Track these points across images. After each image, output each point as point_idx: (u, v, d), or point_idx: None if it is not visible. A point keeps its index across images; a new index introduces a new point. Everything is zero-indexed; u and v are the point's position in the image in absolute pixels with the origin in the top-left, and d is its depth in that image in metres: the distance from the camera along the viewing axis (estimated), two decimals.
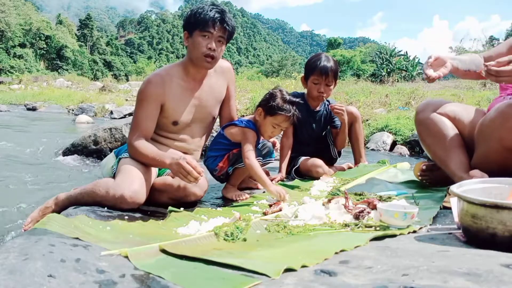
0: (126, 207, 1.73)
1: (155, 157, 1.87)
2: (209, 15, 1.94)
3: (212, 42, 1.96)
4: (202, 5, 1.99)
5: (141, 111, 1.98)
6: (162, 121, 2.04)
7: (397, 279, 0.88)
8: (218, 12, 1.96)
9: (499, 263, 0.94)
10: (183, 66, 2.08)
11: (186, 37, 2.02)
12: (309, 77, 2.62)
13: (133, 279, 0.96)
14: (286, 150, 2.66)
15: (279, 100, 2.14)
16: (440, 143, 1.90)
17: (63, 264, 0.99)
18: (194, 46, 1.98)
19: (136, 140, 1.93)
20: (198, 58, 1.99)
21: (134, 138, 1.94)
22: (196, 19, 1.96)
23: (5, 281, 0.86)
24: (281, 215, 1.64)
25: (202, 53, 1.97)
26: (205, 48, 1.96)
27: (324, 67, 2.55)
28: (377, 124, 7.04)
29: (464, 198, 1.21)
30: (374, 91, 12.51)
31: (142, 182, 1.81)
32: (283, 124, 2.19)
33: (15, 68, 44.97)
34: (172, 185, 1.92)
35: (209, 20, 1.94)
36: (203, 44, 1.96)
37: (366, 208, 1.57)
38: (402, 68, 22.91)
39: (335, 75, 2.61)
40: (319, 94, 2.61)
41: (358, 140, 2.95)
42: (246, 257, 1.14)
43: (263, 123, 2.18)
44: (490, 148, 1.53)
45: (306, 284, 0.91)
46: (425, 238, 1.32)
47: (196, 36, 1.97)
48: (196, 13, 1.97)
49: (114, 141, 4.78)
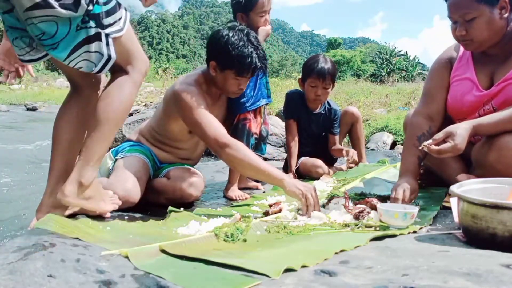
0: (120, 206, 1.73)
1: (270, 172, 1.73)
2: (249, 62, 1.85)
3: (245, 83, 1.95)
4: (237, 41, 1.84)
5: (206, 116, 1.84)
6: (178, 128, 2.00)
7: (397, 279, 0.88)
8: (258, 57, 1.87)
9: (499, 263, 0.94)
10: (207, 81, 2.00)
11: (214, 67, 1.92)
12: (306, 80, 2.62)
13: (133, 279, 0.96)
14: (294, 147, 2.66)
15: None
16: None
17: (63, 264, 0.99)
18: (225, 83, 1.93)
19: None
20: (226, 91, 1.99)
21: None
22: (232, 61, 1.85)
23: (5, 281, 0.86)
24: (281, 217, 1.64)
25: (232, 91, 1.97)
26: (236, 88, 1.95)
27: (321, 70, 2.54)
28: (377, 124, 7.04)
29: (464, 198, 1.21)
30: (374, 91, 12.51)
31: (135, 181, 1.80)
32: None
33: None
34: (168, 187, 1.92)
35: (249, 68, 1.87)
36: (235, 85, 1.93)
37: (366, 208, 1.57)
38: (402, 68, 22.90)
39: (333, 78, 2.59)
40: (316, 97, 2.61)
41: (359, 141, 2.96)
42: (246, 257, 1.14)
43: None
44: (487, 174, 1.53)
45: (306, 284, 0.91)
46: (425, 238, 1.32)
47: (229, 76, 1.90)
48: (233, 54, 1.83)
49: (114, 141, 4.78)
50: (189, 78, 1.99)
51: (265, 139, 2.46)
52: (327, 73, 2.54)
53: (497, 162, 1.54)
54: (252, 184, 2.41)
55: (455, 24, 1.67)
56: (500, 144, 1.52)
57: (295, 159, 2.67)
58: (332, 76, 2.57)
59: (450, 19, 1.70)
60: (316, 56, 2.70)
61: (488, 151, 1.57)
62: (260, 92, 2.27)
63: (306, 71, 2.63)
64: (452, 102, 1.83)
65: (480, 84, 1.74)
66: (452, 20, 1.69)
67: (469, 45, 1.70)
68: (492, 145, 1.56)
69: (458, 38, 1.69)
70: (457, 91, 1.81)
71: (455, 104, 1.82)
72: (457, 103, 1.81)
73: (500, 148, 1.52)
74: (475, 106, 1.75)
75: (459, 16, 1.63)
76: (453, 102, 1.83)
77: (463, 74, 1.81)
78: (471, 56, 1.81)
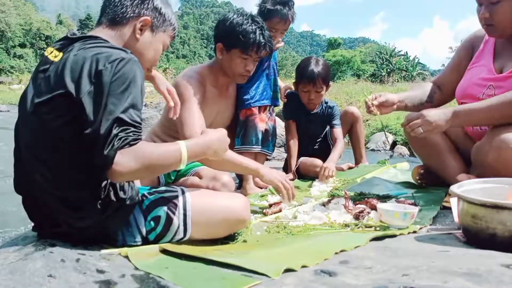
0: None
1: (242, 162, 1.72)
2: (253, 38, 1.87)
3: (251, 64, 1.95)
4: (242, 20, 1.89)
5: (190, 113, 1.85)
6: None
7: (397, 279, 0.88)
8: (263, 35, 1.89)
9: (499, 263, 0.94)
10: (213, 73, 2.02)
11: (221, 49, 1.94)
12: (299, 85, 2.62)
13: (133, 279, 0.96)
14: (294, 147, 2.67)
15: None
16: (431, 152, 1.95)
17: (63, 264, 0.99)
18: (231, 64, 1.94)
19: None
20: (233, 74, 1.98)
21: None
22: (237, 38, 1.87)
23: (5, 281, 0.86)
24: (281, 217, 1.64)
25: (239, 73, 1.96)
26: (243, 69, 1.94)
27: (311, 74, 2.51)
28: (377, 124, 7.05)
29: (464, 198, 1.21)
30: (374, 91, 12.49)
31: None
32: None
33: (15, 68, 44.97)
34: (202, 186, 1.88)
35: (253, 44, 1.88)
36: (242, 65, 1.93)
37: (366, 208, 1.57)
38: (402, 68, 22.92)
39: (325, 80, 2.56)
40: (310, 101, 2.61)
41: (359, 141, 2.95)
42: (246, 257, 1.14)
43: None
44: (487, 173, 1.54)
45: (306, 284, 0.91)
46: (425, 238, 1.32)
47: (235, 56, 1.91)
48: (238, 31, 1.87)
49: None
50: (192, 70, 2.01)
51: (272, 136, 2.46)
52: (317, 76, 2.51)
53: (496, 162, 1.54)
54: (261, 184, 2.40)
55: (481, 7, 1.69)
56: (500, 144, 1.52)
57: (295, 159, 2.67)
58: (323, 78, 2.54)
59: (476, 1, 1.71)
60: (308, 59, 2.67)
61: (487, 150, 1.57)
62: (265, 92, 2.30)
63: (298, 75, 2.62)
64: (461, 83, 1.87)
65: (494, 70, 1.76)
66: (478, 2, 1.71)
67: (491, 30, 1.72)
68: (491, 145, 1.56)
69: (482, 21, 1.71)
70: (471, 74, 1.85)
71: (464, 82, 1.86)
72: (465, 82, 1.85)
73: (499, 147, 1.52)
74: (477, 90, 1.76)
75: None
76: (462, 82, 1.87)
77: (481, 61, 1.83)
78: (494, 44, 1.83)
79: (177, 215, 1.23)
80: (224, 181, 1.86)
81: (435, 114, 1.63)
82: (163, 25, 1.31)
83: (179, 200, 1.25)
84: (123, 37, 1.24)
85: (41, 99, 1.10)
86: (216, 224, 1.28)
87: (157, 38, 1.31)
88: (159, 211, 1.22)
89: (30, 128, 1.15)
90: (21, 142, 1.18)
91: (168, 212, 1.22)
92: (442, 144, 1.92)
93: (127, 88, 1.06)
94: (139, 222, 1.21)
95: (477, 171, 1.68)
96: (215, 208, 1.28)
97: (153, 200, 1.24)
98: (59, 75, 1.09)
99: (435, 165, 1.98)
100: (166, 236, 1.22)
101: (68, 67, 1.08)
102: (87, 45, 1.13)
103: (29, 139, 1.15)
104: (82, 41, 1.15)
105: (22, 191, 1.22)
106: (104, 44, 1.14)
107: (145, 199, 1.24)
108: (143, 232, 1.21)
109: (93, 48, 1.11)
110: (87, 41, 1.15)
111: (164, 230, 1.22)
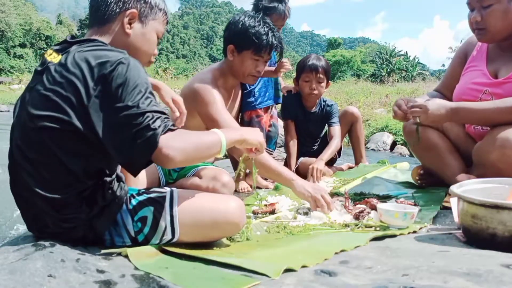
0: None
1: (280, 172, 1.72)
2: (266, 40, 1.90)
3: (262, 65, 1.97)
4: (254, 22, 1.91)
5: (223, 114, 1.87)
6: (195, 124, 1.95)
7: (397, 279, 0.88)
8: (274, 36, 1.92)
9: (499, 263, 0.94)
10: (223, 75, 2.04)
11: (232, 50, 1.95)
12: (300, 76, 2.65)
13: (133, 279, 0.96)
14: (293, 147, 2.68)
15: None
16: (430, 152, 1.95)
17: (63, 264, 0.98)
18: (242, 65, 1.96)
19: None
20: (243, 75, 1.99)
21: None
22: (250, 40, 1.89)
23: (5, 281, 0.86)
24: (281, 217, 1.64)
25: (249, 74, 1.98)
26: (254, 70, 1.96)
27: (313, 64, 2.59)
28: (377, 124, 7.05)
29: (464, 198, 1.21)
30: (374, 91, 12.52)
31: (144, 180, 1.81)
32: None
33: (15, 68, 44.98)
34: (202, 187, 1.86)
35: (266, 46, 1.91)
36: (253, 66, 1.95)
37: (366, 208, 1.57)
38: (402, 68, 22.94)
39: (326, 72, 2.61)
40: (310, 92, 2.62)
41: (359, 141, 2.95)
42: (246, 257, 1.14)
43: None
44: (488, 173, 1.54)
45: (306, 284, 0.91)
46: (425, 238, 1.32)
47: (247, 57, 1.94)
48: (251, 32, 1.89)
49: None
50: (205, 74, 2.02)
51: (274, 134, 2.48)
52: (319, 66, 2.58)
53: (499, 161, 1.53)
54: (264, 184, 2.40)
55: (472, 12, 1.70)
56: (504, 143, 1.52)
57: (295, 158, 2.67)
58: (325, 70, 2.60)
59: (468, 6, 1.72)
60: (309, 55, 2.74)
61: (490, 149, 1.57)
62: (268, 92, 2.35)
63: (299, 68, 2.67)
64: (457, 88, 1.89)
65: (489, 74, 1.77)
66: (470, 7, 1.72)
67: (482, 35, 1.72)
68: (495, 144, 1.55)
69: (473, 25, 1.71)
70: (465, 79, 1.87)
71: (459, 87, 1.87)
72: (461, 87, 1.87)
73: (503, 146, 1.52)
74: (473, 95, 1.77)
75: (477, 0, 1.66)
76: (458, 87, 1.88)
77: (475, 66, 1.85)
78: (487, 49, 1.84)
79: (164, 215, 1.20)
80: (224, 181, 1.85)
81: (437, 109, 1.65)
82: (151, 13, 1.27)
83: (166, 200, 1.23)
84: (114, 35, 1.23)
85: (35, 101, 1.11)
86: (205, 226, 1.24)
87: (149, 28, 1.27)
88: (146, 211, 1.21)
89: (21, 128, 1.15)
90: (13, 141, 1.18)
91: (154, 213, 1.20)
92: (442, 144, 1.92)
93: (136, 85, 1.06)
94: (127, 222, 1.20)
95: (478, 171, 1.68)
96: (204, 209, 1.25)
97: (140, 200, 1.23)
98: (56, 78, 1.09)
99: (435, 165, 1.98)
100: (155, 237, 1.20)
101: (66, 70, 1.08)
102: (84, 48, 1.13)
103: (19, 139, 1.15)
104: (79, 44, 1.15)
105: (14, 191, 1.22)
106: (102, 47, 1.14)
107: (133, 199, 1.23)
108: (131, 233, 1.20)
109: (90, 51, 1.11)
110: (84, 44, 1.15)
111: (152, 231, 1.20)
